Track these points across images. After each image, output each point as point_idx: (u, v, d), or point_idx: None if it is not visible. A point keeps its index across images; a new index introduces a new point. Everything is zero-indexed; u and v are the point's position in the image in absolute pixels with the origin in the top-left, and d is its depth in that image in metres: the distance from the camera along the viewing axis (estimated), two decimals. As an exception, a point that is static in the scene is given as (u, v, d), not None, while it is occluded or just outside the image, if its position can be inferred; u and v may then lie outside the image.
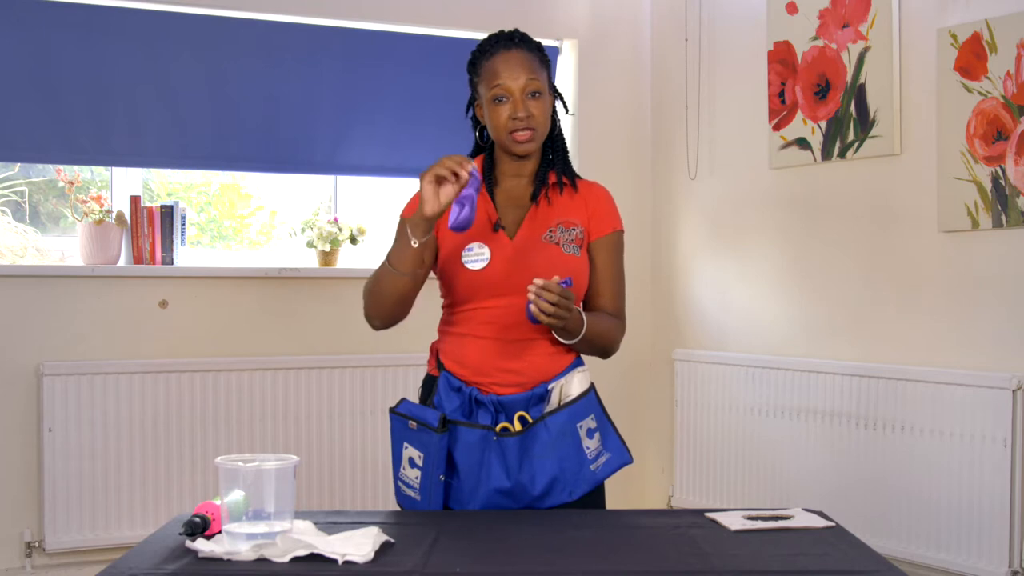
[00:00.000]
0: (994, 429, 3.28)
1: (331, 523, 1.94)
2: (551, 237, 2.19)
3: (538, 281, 1.97)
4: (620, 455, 2.21)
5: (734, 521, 1.95)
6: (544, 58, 2.24)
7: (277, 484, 1.77)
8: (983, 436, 3.31)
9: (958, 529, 3.37)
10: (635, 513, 2.14)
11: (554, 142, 2.28)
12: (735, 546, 1.82)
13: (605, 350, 2.23)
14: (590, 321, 2.13)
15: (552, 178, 2.25)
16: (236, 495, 1.81)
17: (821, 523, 1.96)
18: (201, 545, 1.76)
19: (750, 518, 1.98)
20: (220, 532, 1.81)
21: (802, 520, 1.98)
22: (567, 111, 2.35)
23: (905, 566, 3.40)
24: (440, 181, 1.99)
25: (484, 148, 2.28)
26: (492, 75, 2.17)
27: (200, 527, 1.82)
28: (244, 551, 1.73)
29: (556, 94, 2.29)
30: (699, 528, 1.93)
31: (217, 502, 1.87)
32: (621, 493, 2.32)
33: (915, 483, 3.50)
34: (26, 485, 3.68)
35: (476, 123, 2.29)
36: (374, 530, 1.81)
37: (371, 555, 1.72)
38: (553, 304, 1.97)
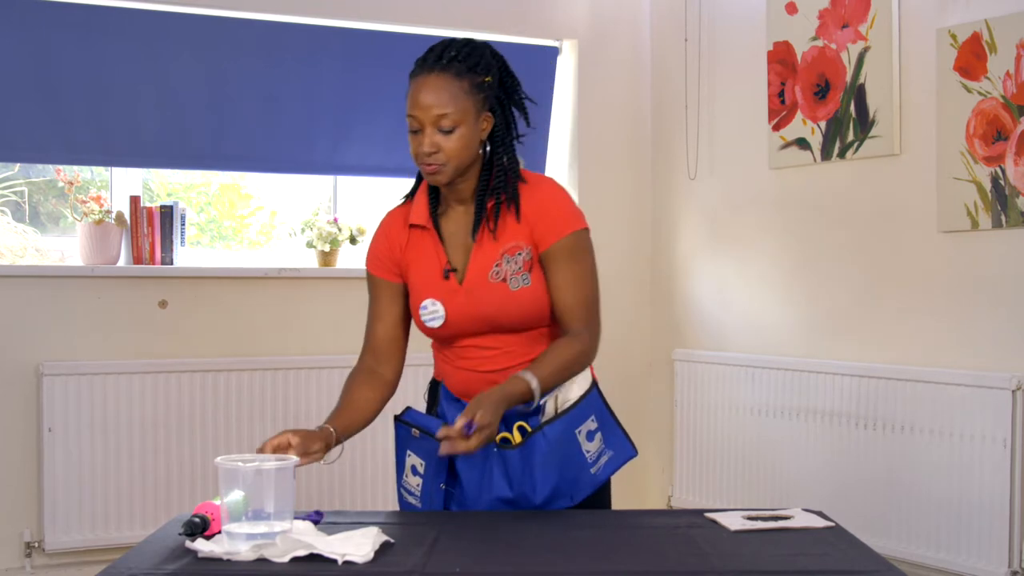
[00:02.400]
0: (994, 429, 3.28)
1: (331, 523, 1.94)
2: (497, 273, 2.09)
3: (440, 432, 1.91)
4: (624, 450, 2.20)
5: (734, 521, 1.95)
6: (479, 80, 2.05)
7: (277, 484, 1.77)
8: (983, 436, 3.31)
9: (958, 529, 3.37)
10: (635, 513, 2.14)
11: (493, 165, 2.10)
12: (735, 546, 1.82)
13: (577, 373, 2.13)
14: (544, 373, 2.02)
15: (491, 201, 2.09)
16: (236, 495, 1.81)
17: (821, 523, 1.96)
18: (201, 545, 1.76)
19: (750, 518, 1.98)
20: (220, 532, 1.81)
21: (802, 520, 1.98)
22: (528, 124, 2.17)
23: (905, 566, 3.40)
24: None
25: None
26: (408, 102, 2.04)
27: (200, 527, 1.82)
28: (244, 551, 1.73)
29: (510, 106, 2.13)
30: (699, 528, 1.93)
31: (217, 502, 1.87)
32: (621, 493, 2.32)
33: (915, 483, 3.50)
34: (26, 485, 3.68)
35: None
36: (374, 530, 1.81)
37: (371, 555, 1.72)
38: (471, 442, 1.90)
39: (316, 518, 1.92)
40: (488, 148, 2.11)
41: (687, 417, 4.37)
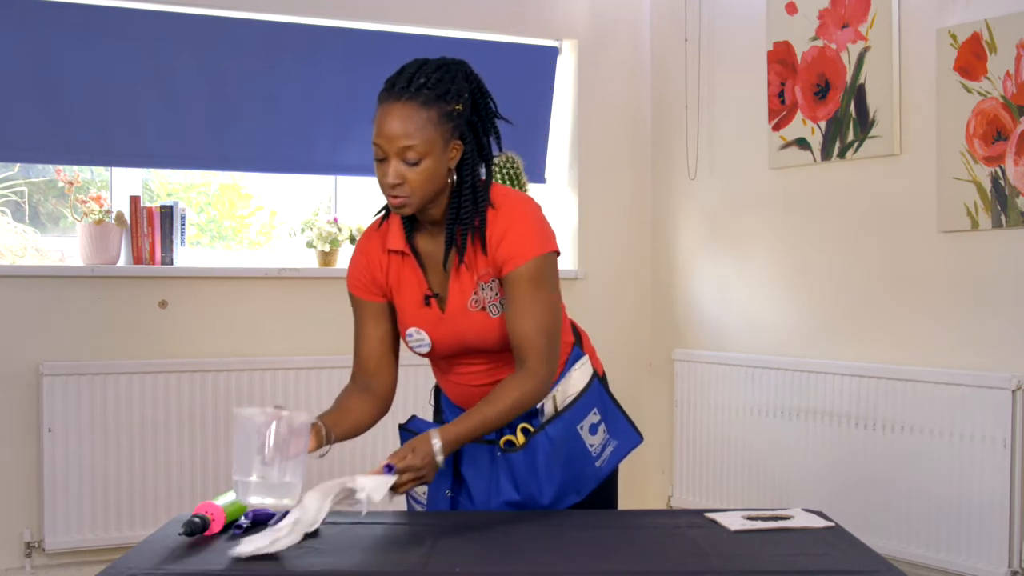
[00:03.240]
0: (994, 429, 3.28)
1: (331, 523, 1.94)
2: (476, 302, 2.06)
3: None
4: (628, 438, 2.21)
5: (734, 521, 1.95)
6: (448, 109, 1.96)
7: (290, 434, 1.79)
8: (983, 436, 3.31)
9: (958, 529, 3.37)
10: (635, 513, 2.14)
11: (462, 194, 2.02)
12: (735, 546, 1.82)
13: (525, 410, 2.05)
14: (468, 429, 1.97)
15: (459, 230, 2.03)
16: (235, 495, 1.81)
17: (821, 523, 1.96)
18: (244, 547, 1.72)
19: (750, 518, 1.98)
20: (257, 527, 1.82)
21: (802, 520, 1.98)
22: (500, 148, 2.10)
23: (905, 566, 3.40)
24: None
25: None
26: (375, 129, 1.97)
27: (200, 527, 1.82)
28: (286, 540, 1.74)
29: (481, 131, 2.05)
30: (699, 528, 1.93)
31: (217, 502, 1.88)
32: (621, 493, 2.32)
33: (915, 483, 3.50)
34: (26, 485, 3.68)
35: None
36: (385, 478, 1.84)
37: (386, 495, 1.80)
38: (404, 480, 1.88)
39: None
40: (459, 174, 2.02)
41: (687, 417, 4.37)
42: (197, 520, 1.83)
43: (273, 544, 1.72)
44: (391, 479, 1.82)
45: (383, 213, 2.16)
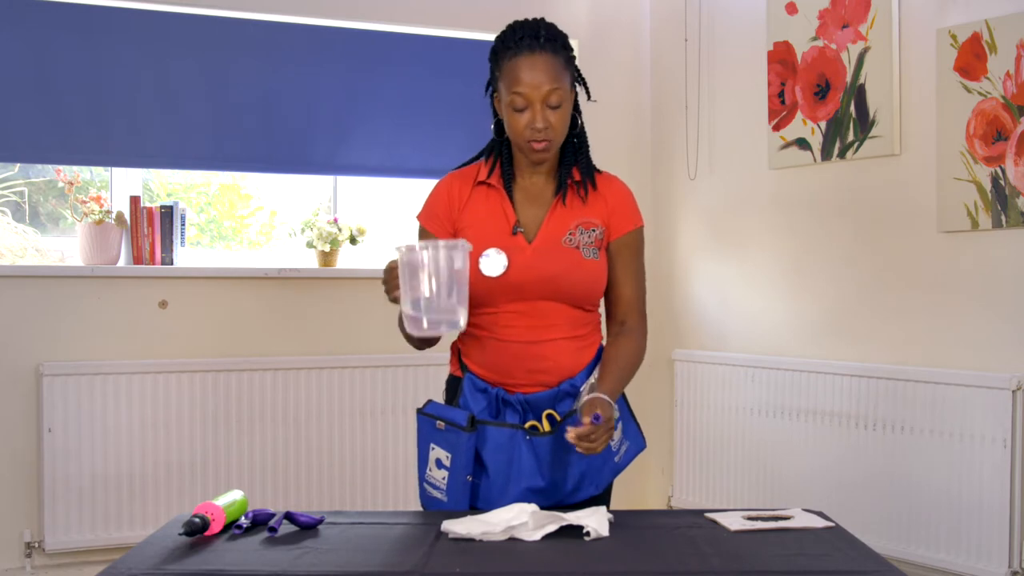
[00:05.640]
0: (994, 429, 3.28)
1: (331, 523, 1.94)
2: (571, 240, 2.15)
3: (572, 434, 1.93)
4: (637, 442, 2.23)
5: (734, 521, 1.95)
6: (569, 56, 2.16)
7: (447, 260, 1.82)
8: (983, 436, 3.32)
9: (958, 529, 3.37)
10: (635, 513, 2.14)
11: (576, 137, 2.21)
12: (735, 546, 1.82)
13: (637, 368, 2.21)
14: (614, 382, 2.10)
15: (576, 174, 2.19)
16: (235, 495, 1.81)
17: (821, 523, 1.96)
18: (456, 527, 1.84)
19: (750, 518, 1.98)
20: (250, 526, 1.81)
21: (802, 520, 1.98)
22: (589, 97, 2.26)
23: (905, 566, 3.40)
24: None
25: (502, 137, 2.20)
26: (514, 79, 2.09)
27: (200, 527, 1.82)
28: (496, 531, 1.82)
29: (579, 81, 2.22)
30: (699, 528, 1.93)
31: (217, 502, 1.87)
32: (621, 493, 2.32)
33: (915, 483, 3.50)
34: (26, 485, 3.68)
35: (495, 111, 2.20)
36: (602, 509, 1.93)
37: (607, 529, 1.86)
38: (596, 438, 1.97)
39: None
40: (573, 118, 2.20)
41: (687, 417, 4.37)
42: (197, 520, 1.83)
43: (483, 535, 1.82)
44: (601, 509, 1.92)
45: (468, 161, 2.24)
